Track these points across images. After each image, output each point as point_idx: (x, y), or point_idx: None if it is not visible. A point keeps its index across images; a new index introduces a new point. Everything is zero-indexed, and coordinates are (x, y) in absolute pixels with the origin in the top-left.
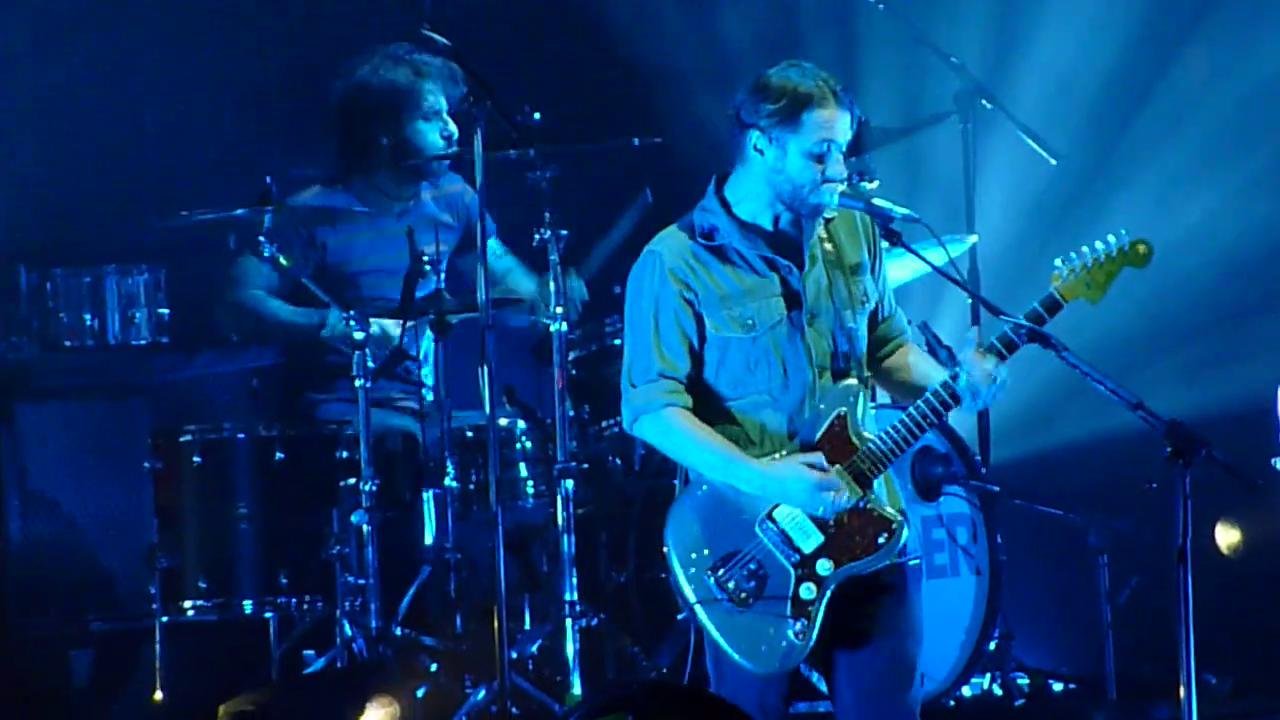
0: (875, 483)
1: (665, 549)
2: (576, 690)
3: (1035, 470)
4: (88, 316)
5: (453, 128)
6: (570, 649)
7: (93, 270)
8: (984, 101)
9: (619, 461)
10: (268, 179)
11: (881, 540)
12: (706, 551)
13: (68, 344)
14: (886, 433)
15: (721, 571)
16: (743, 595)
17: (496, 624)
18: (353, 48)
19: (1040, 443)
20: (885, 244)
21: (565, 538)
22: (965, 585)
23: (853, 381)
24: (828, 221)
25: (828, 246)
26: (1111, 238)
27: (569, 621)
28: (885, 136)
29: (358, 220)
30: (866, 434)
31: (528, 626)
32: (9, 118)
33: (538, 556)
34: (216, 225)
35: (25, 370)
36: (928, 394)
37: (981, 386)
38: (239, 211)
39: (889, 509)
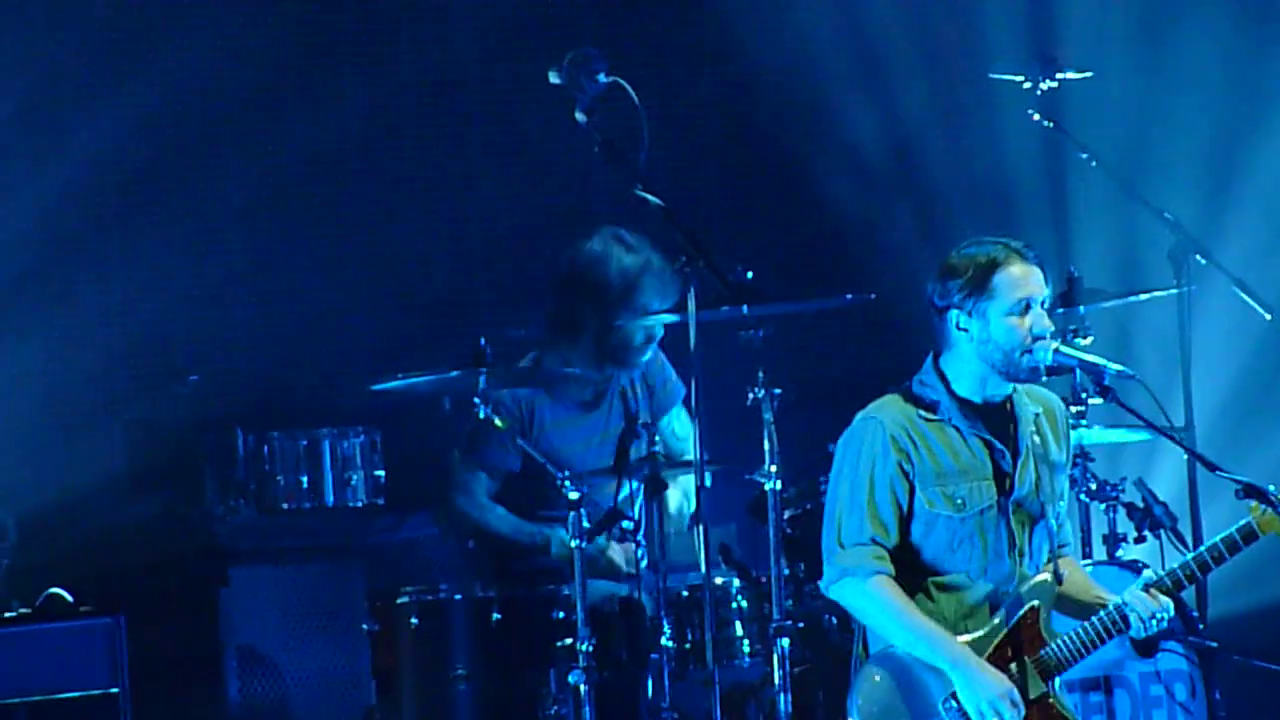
0: (1055, 680)
1: (848, 712)
2: None
3: (1254, 625)
4: (304, 479)
5: (659, 330)
6: None
7: (309, 433)
8: (1198, 257)
9: (834, 619)
10: (481, 340)
11: None
12: None
13: (285, 506)
14: (1071, 635)
15: None
16: None
17: None
18: (567, 209)
19: (1259, 597)
20: (1100, 400)
21: (782, 696)
22: None
23: (1048, 577)
24: (1035, 416)
25: (1035, 439)
26: None
27: None
28: (1098, 296)
29: (569, 387)
30: (1055, 632)
31: None
32: (224, 282)
33: (754, 716)
34: (431, 387)
35: (243, 533)
36: (1102, 613)
37: (1147, 619)
38: (453, 373)
39: (1067, 708)
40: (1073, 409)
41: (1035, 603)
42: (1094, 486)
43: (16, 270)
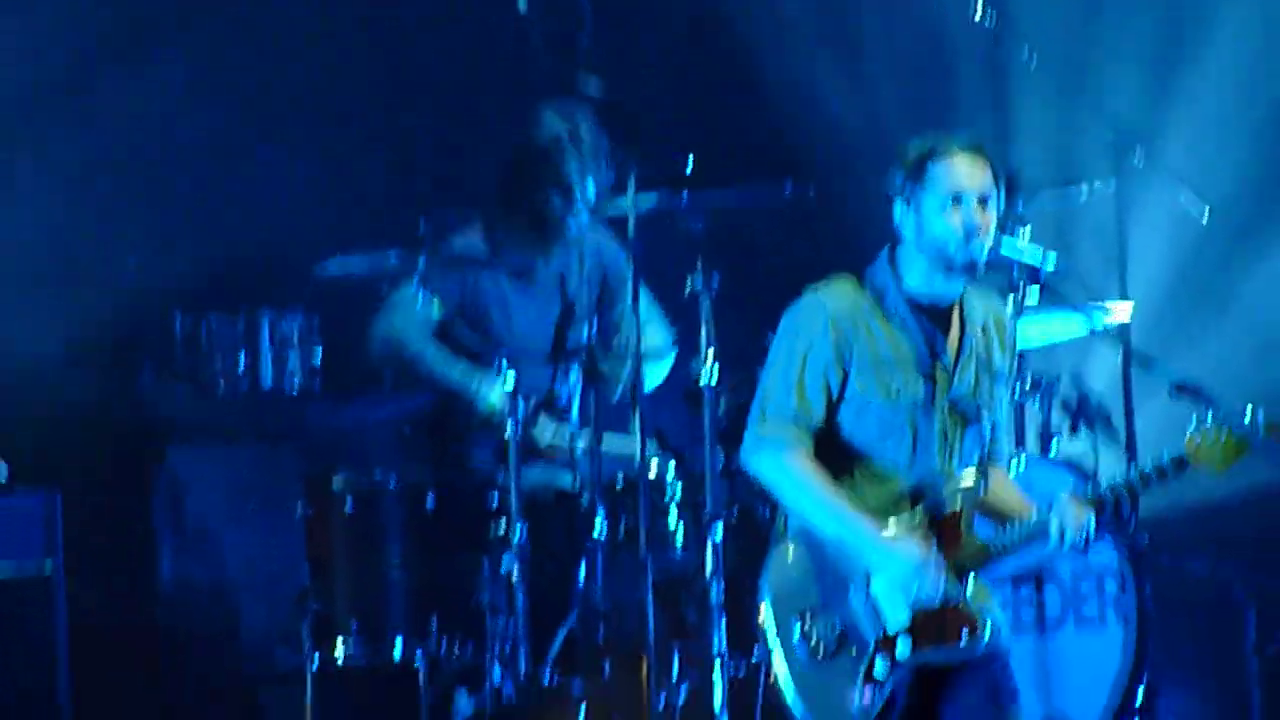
0: (969, 579)
1: (759, 587)
2: None
3: (1185, 522)
4: (241, 361)
5: (583, 207)
6: (718, 698)
7: (246, 315)
8: (1137, 153)
9: (769, 510)
10: (421, 222)
11: (964, 636)
12: (799, 598)
13: (221, 387)
14: (990, 541)
15: (810, 621)
16: (821, 651)
17: (645, 671)
18: (505, 92)
19: (1191, 494)
20: (1034, 292)
21: (714, 585)
22: (1113, 636)
23: (975, 480)
24: (983, 322)
25: (980, 343)
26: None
27: (718, 670)
28: (1037, 189)
29: (509, 267)
30: (974, 535)
31: (676, 675)
32: (162, 162)
33: (686, 605)
34: (370, 269)
35: (179, 414)
36: (1023, 523)
37: (1070, 532)
38: (391, 255)
39: (976, 608)
40: (1009, 302)
41: (959, 502)
42: (1029, 382)
43: None
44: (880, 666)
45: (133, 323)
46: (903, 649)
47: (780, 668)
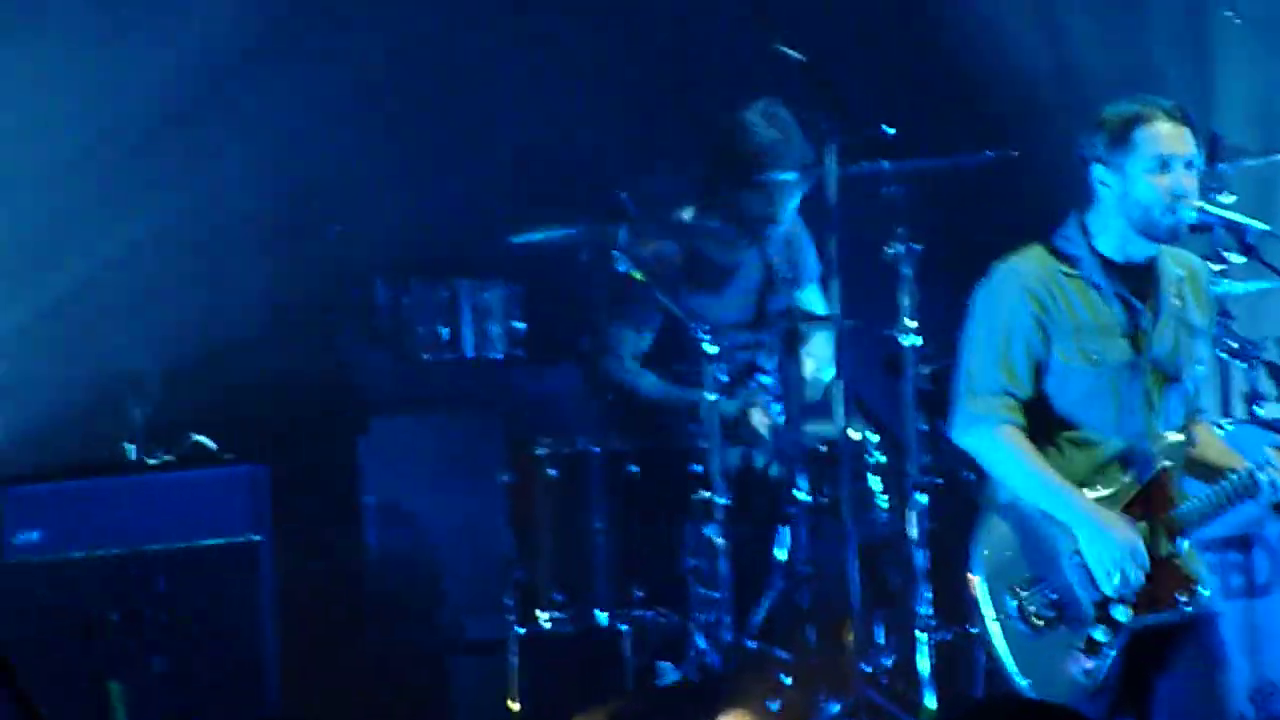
0: (1182, 541)
1: (971, 560)
2: (930, 704)
3: None
4: (443, 329)
5: (793, 203)
6: (924, 663)
7: (449, 283)
8: None
9: (973, 475)
10: (622, 194)
11: (1181, 599)
12: (1012, 571)
13: (424, 357)
14: (1202, 497)
15: (1024, 594)
16: (1039, 622)
17: (849, 638)
18: (703, 64)
19: None
20: (1241, 259)
21: (918, 552)
22: None
23: (1181, 438)
24: (1178, 278)
25: (1176, 302)
26: None
27: (923, 635)
28: (1240, 154)
29: (710, 244)
30: (1185, 493)
31: (881, 640)
32: (367, 133)
33: (890, 570)
34: (570, 240)
35: (382, 383)
36: (1233, 477)
37: (1279, 484)
38: (593, 226)
39: (1193, 569)
40: (1214, 266)
41: (1167, 463)
42: (1235, 345)
43: (159, 121)
44: (1101, 634)
45: (335, 291)
46: (1122, 614)
47: (999, 641)
